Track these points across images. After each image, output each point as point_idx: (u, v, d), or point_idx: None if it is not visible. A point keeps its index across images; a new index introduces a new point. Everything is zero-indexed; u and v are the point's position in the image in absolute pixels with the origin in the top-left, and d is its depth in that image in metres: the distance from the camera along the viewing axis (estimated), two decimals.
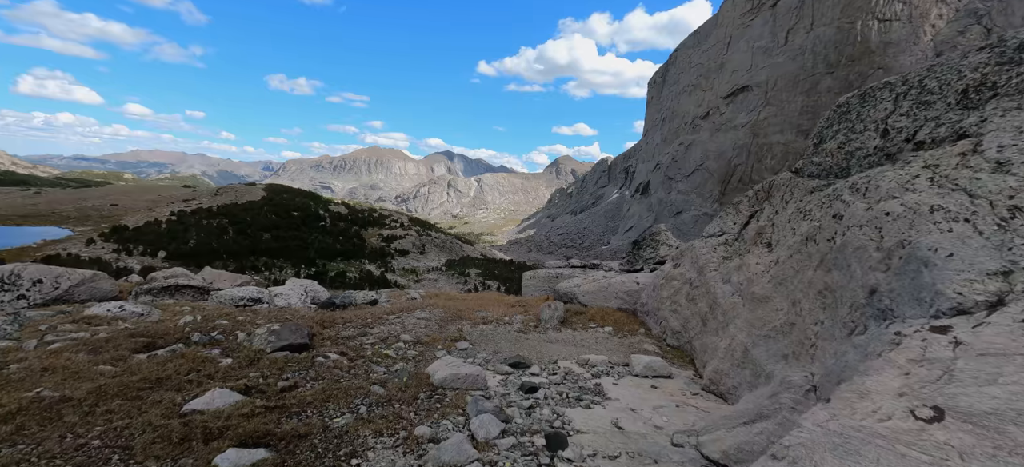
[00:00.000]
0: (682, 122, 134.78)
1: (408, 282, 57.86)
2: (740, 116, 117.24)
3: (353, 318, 9.47)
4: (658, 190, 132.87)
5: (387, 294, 13.99)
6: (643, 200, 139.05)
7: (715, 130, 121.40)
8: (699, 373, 7.04)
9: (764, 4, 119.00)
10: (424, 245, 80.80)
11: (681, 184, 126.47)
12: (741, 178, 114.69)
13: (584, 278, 12.54)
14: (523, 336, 9.02)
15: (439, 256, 79.31)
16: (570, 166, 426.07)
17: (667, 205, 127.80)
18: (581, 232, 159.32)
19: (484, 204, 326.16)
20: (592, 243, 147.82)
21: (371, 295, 11.56)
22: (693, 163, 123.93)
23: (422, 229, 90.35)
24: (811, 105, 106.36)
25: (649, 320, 9.62)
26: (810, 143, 6.45)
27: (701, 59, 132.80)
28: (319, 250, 65.15)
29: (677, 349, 8.25)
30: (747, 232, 7.15)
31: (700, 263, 7.94)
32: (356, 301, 11.07)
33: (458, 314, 10.36)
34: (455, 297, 14.06)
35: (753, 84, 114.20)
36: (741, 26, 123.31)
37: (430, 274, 64.94)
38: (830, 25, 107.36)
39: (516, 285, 65.63)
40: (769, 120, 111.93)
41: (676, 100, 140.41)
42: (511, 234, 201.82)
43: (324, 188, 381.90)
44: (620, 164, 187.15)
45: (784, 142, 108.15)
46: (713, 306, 7.04)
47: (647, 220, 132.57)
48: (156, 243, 57.14)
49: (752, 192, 7.50)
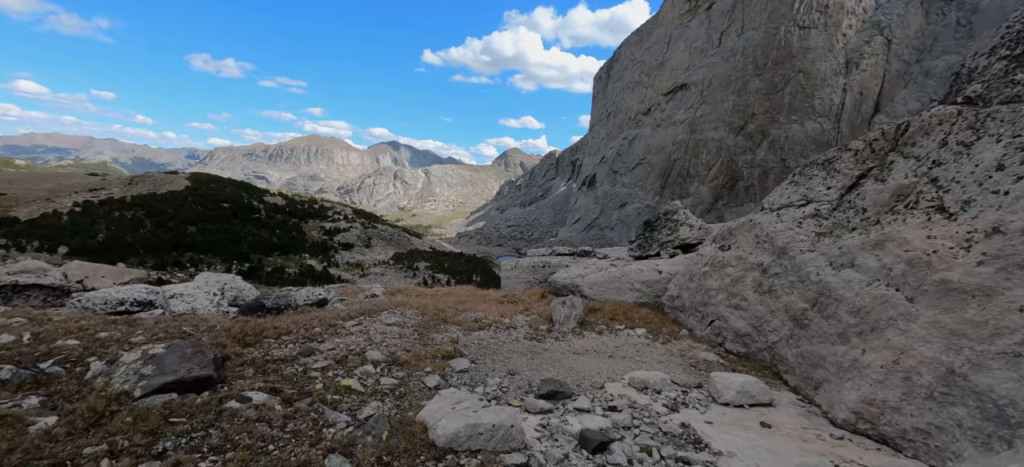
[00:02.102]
0: (626, 117, 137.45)
1: (353, 276, 53.40)
2: (679, 113, 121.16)
3: (292, 327, 6.52)
4: (604, 183, 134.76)
5: (337, 291, 10.95)
6: (590, 192, 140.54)
7: (656, 126, 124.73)
8: (805, 396, 4.92)
9: (700, 6, 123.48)
10: (370, 238, 75.79)
11: (625, 177, 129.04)
12: (680, 172, 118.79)
13: (586, 267, 10.25)
14: (537, 345, 6.52)
15: (386, 249, 74.71)
16: (519, 159, 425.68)
17: (612, 197, 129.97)
18: (530, 224, 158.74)
19: (432, 196, 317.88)
20: (541, 235, 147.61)
21: (318, 293, 8.55)
22: (636, 157, 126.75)
23: (368, 221, 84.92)
24: (741, 104, 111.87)
25: (687, 318, 7.46)
26: (985, 65, 4.52)
27: (643, 57, 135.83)
28: (253, 244, 58.60)
29: (745, 358, 6.12)
30: (863, 196, 5.10)
31: (778, 243, 5.84)
32: (297, 302, 8.03)
33: (440, 316, 7.67)
34: (427, 294, 11.28)
35: (691, 83, 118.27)
36: (680, 26, 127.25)
37: (376, 268, 60.60)
38: (758, 29, 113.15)
39: (466, 277, 63.16)
40: (705, 117, 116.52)
41: (620, 96, 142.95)
42: (460, 226, 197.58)
43: (259, 178, 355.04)
44: (567, 157, 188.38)
45: (718, 139, 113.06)
46: (821, 301, 4.94)
47: (594, 212, 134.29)
48: (55, 238, 48.42)
49: (861, 143, 5.48)
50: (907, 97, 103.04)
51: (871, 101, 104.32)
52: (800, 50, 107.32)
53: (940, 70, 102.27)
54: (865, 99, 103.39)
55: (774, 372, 5.53)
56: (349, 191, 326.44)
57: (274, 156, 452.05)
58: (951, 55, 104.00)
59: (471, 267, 67.59)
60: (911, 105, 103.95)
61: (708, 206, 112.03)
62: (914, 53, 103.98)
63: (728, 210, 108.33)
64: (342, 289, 12.11)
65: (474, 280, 58.41)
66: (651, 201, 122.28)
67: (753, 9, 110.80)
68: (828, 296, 4.82)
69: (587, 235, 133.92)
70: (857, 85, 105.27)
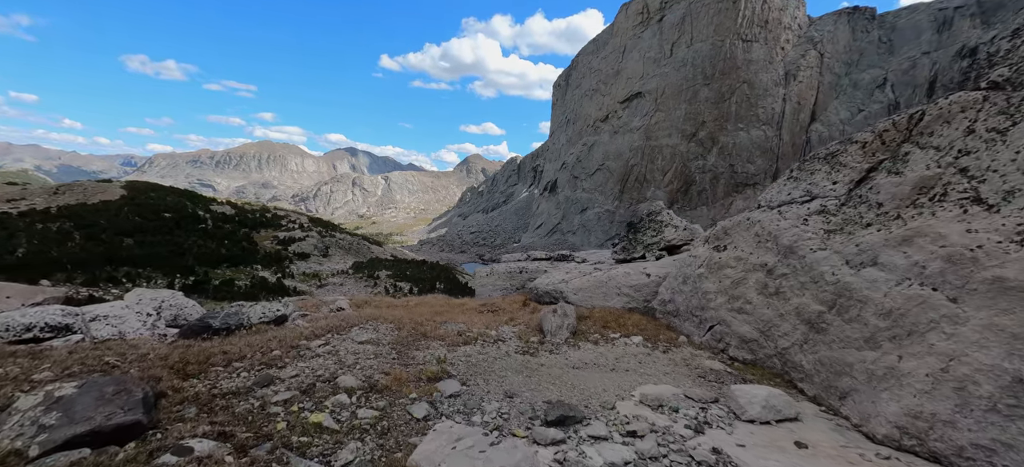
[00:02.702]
0: (585, 124, 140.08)
1: (310, 287, 50.76)
2: (635, 120, 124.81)
3: (246, 351, 5.53)
4: (565, 188, 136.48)
5: (296, 304, 9.85)
6: (552, 198, 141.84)
7: (614, 132, 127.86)
8: (829, 407, 4.52)
9: (652, 19, 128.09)
10: (327, 247, 72.60)
11: (585, 183, 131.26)
12: (637, 177, 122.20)
13: (569, 272, 9.72)
14: (531, 359, 5.86)
15: (345, 258, 71.81)
16: (481, 165, 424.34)
17: (574, 202, 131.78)
18: (493, 230, 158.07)
19: (393, 203, 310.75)
20: (504, 241, 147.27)
21: (276, 308, 7.49)
22: (595, 163, 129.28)
23: (325, 230, 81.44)
24: (693, 112, 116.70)
25: (683, 323, 7.04)
26: (1008, 48, 4.34)
27: (600, 66, 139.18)
28: (199, 256, 54.50)
29: (752, 365, 5.72)
30: (877, 190, 4.82)
31: (783, 241, 5.51)
32: (250, 320, 6.97)
33: (419, 330, 6.85)
34: (398, 305, 10.38)
35: (645, 91, 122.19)
36: (634, 37, 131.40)
37: (335, 278, 57.98)
38: (706, 41, 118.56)
39: (429, 285, 61.72)
40: (659, 124, 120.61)
41: (579, 103, 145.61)
42: (422, 234, 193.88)
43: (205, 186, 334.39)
44: (529, 163, 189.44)
45: (672, 145, 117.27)
46: (840, 302, 4.58)
47: (556, 217, 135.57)
48: None
49: (870, 134, 5.22)
50: (838, 107, 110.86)
51: (808, 110, 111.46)
52: (744, 62, 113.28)
53: (866, 82, 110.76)
54: (802, 108, 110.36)
55: (786, 380, 5.16)
56: (304, 199, 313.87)
57: (222, 163, 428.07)
58: (875, 69, 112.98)
59: (434, 274, 66.07)
60: (842, 114, 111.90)
61: None
62: (843, 66, 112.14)
63: (683, 214, 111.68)
64: (302, 302, 10.99)
65: (438, 287, 56.96)
66: (611, 206, 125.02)
67: (700, 22, 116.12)
68: (849, 297, 4.48)
69: (550, 240, 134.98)
70: (795, 95, 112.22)
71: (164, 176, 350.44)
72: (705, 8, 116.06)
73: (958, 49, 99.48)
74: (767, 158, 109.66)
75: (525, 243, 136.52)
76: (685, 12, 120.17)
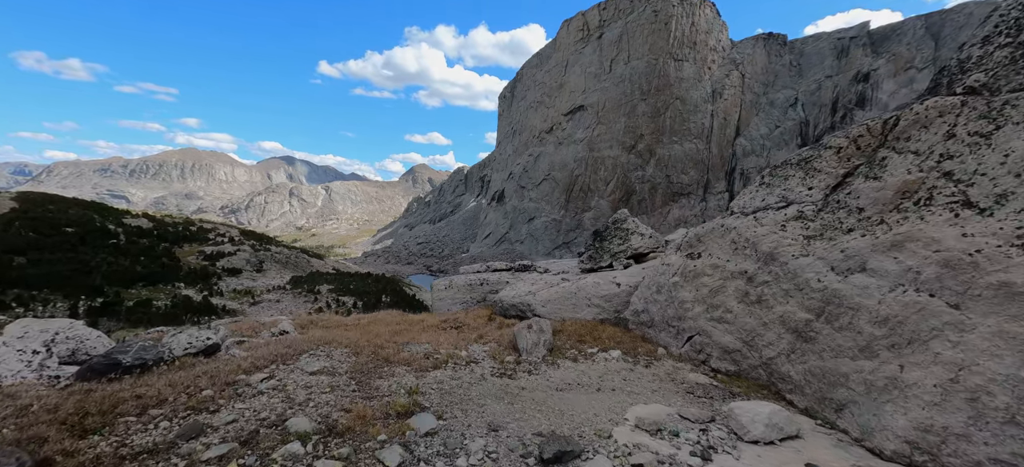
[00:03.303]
0: (531, 135, 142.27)
1: (242, 305, 46.78)
2: (578, 132, 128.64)
3: (166, 393, 4.53)
4: (512, 198, 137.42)
5: (229, 328, 8.62)
6: (499, 208, 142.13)
7: (559, 144, 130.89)
8: (825, 420, 4.36)
9: (592, 35, 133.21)
10: (261, 262, 67.56)
11: (532, 193, 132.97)
12: (582, 187, 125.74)
13: (534, 283, 9.28)
14: (511, 382, 5.31)
15: (282, 273, 67.15)
16: (427, 175, 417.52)
17: (521, 212, 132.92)
18: (441, 240, 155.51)
19: (334, 214, 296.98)
20: (452, 251, 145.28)
21: (204, 336, 6.36)
22: (542, 173, 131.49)
23: (259, 243, 75.89)
24: (632, 126, 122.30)
25: (658, 334, 6.80)
26: (980, 55, 4.43)
27: (544, 78, 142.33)
28: (109, 274, 48.47)
29: (736, 376, 5.53)
30: (857, 195, 4.80)
31: (763, 248, 5.40)
32: (173, 352, 5.84)
33: (379, 354, 6.07)
34: (349, 323, 9.40)
35: (587, 104, 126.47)
36: (575, 52, 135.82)
37: (271, 294, 53.91)
38: (642, 59, 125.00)
39: (375, 299, 59.30)
40: (601, 137, 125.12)
41: (524, 115, 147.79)
42: (367, 245, 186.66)
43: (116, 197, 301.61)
44: (476, 173, 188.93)
45: (613, 156, 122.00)
46: (829, 310, 4.46)
47: (503, 227, 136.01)
48: None
49: (844, 140, 5.23)
50: (759, 123, 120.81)
51: (733, 125, 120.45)
52: (676, 80, 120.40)
53: (781, 101, 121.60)
54: (728, 124, 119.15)
55: (774, 392, 5.01)
56: (235, 210, 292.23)
57: (137, 172, 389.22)
58: (788, 89, 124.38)
59: (380, 288, 63.42)
60: (762, 130, 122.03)
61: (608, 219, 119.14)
62: (762, 86, 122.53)
63: None
64: (236, 325, 9.71)
65: (384, 301, 54.56)
66: (557, 215, 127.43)
67: (636, 41, 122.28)
68: (839, 304, 4.37)
69: (498, 250, 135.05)
70: (722, 112, 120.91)
71: (66, 187, 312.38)
72: (640, 28, 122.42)
73: (854, 74, 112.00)
74: (699, 169, 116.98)
75: (474, 253, 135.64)
76: (622, 30, 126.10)
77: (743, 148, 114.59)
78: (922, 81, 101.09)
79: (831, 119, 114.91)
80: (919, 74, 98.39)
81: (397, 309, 23.30)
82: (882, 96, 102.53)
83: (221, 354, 6.22)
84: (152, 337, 7.77)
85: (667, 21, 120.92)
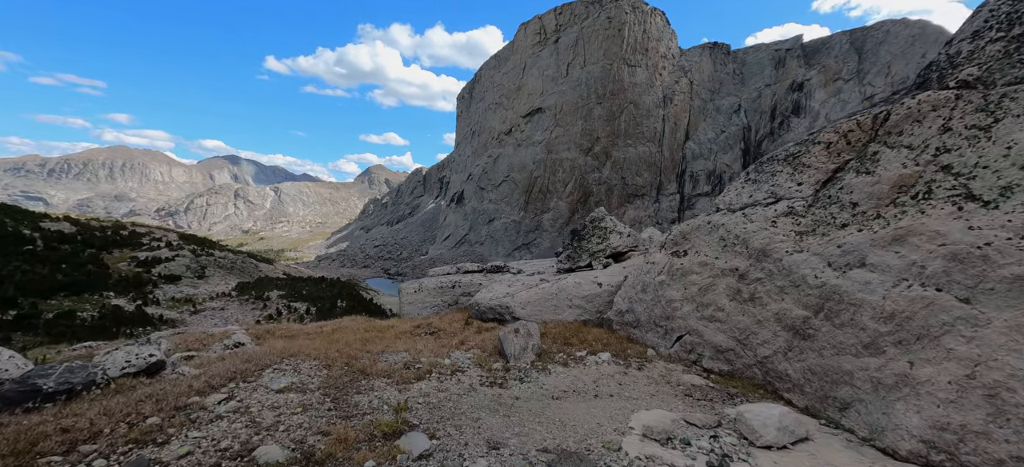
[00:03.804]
0: (490, 137, 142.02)
1: (182, 315, 43.31)
2: (537, 134, 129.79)
3: (100, 423, 3.80)
4: (472, 200, 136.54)
5: (172, 340, 7.67)
6: (458, 209, 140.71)
7: (518, 145, 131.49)
8: (829, 419, 4.28)
9: (549, 39, 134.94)
10: (203, 267, 62.99)
11: (492, 194, 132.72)
12: (541, 189, 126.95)
13: (511, 284, 8.92)
14: (503, 392, 4.93)
15: (226, 279, 62.89)
16: (384, 176, 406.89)
17: (481, 214, 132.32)
18: (399, 243, 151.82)
19: (285, 217, 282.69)
20: (411, 254, 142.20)
21: (146, 352, 5.51)
22: (501, 174, 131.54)
23: (201, 248, 70.77)
24: (588, 129, 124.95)
25: (645, 335, 6.64)
26: (970, 50, 4.50)
27: (502, 80, 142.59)
28: (24, 284, 43.37)
29: (730, 376, 5.42)
30: (849, 190, 4.80)
31: (754, 244, 5.34)
32: (107, 374, 5.00)
33: (354, 367, 5.50)
34: (312, 332, 8.65)
35: (545, 107, 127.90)
36: (533, 55, 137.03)
37: (214, 301, 50.28)
38: (597, 64, 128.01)
39: (329, 304, 56.90)
40: (559, 139, 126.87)
41: (483, 116, 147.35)
42: (320, 249, 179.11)
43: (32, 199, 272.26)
44: (435, 175, 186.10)
45: (571, 158, 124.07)
46: (828, 307, 4.38)
47: (463, 228, 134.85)
48: None
49: (834, 134, 5.24)
50: (706, 127, 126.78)
51: (683, 130, 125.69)
52: (630, 85, 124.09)
53: (726, 107, 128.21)
54: (678, 128, 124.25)
55: (770, 391, 4.93)
56: (173, 213, 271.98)
57: (58, 172, 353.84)
58: (732, 96, 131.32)
59: (335, 293, 60.72)
60: (709, 134, 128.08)
61: (566, 220, 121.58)
62: (708, 93, 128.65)
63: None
64: (180, 338, 8.69)
65: (339, 306, 52.27)
66: (517, 216, 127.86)
67: (591, 46, 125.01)
68: (839, 301, 4.29)
69: (458, 251, 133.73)
70: (672, 116, 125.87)
71: None
72: (595, 33, 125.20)
73: (790, 83, 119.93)
74: (652, 171, 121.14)
75: (433, 255, 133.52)
76: (578, 35, 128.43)
77: (692, 151, 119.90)
78: (849, 91, 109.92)
79: (770, 125, 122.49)
80: (846, 85, 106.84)
81: (354, 314, 22.20)
82: (814, 104, 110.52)
83: (167, 373, 5.42)
84: (80, 355, 6.76)
85: (620, 27, 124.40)
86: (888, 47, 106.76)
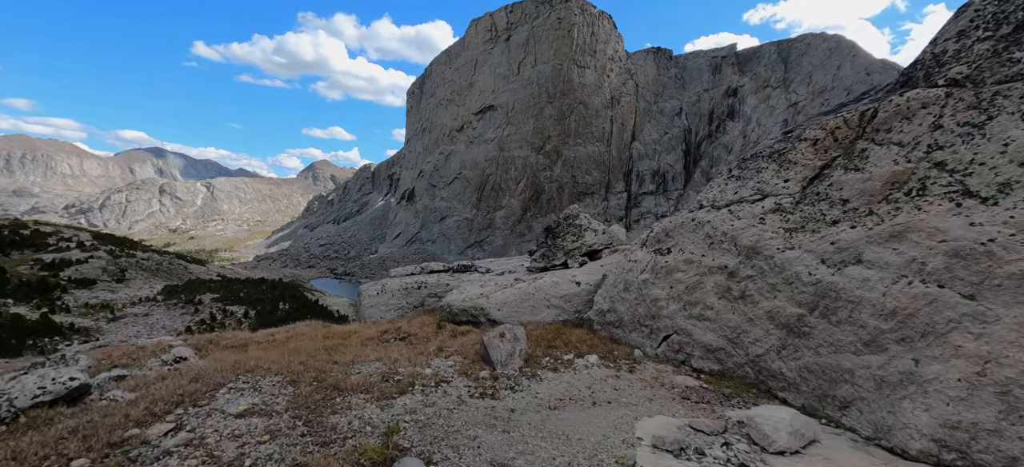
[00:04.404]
0: (441, 133, 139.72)
1: (97, 323, 38.86)
2: (489, 131, 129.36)
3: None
4: (423, 197, 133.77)
5: (92, 357, 6.57)
6: (409, 207, 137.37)
7: (470, 142, 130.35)
8: (829, 418, 4.24)
9: (500, 37, 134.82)
10: (123, 270, 57.04)
11: (443, 191, 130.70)
12: (493, 186, 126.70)
13: (484, 285, 8.51)
14: (496, 404, 4.54)
15: (151, 282, 57.28)
16: (329, 172, 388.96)
17: (433, 211, 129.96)
18: (346, 241, 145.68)
19: (219, 214, 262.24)
20: (359, 252, 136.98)
21: (67, 375, 4.58)
22: (453, 172, 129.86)
23: (119, 249, 64.05)
24: (540, 127, 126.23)
25: (629, 335, 6.49)
26: (957, 49, 4.61)
27: (454, 76, 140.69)
28: None
29: (721, 376, 5.35)
30: (839, 186, 4.83)
31: (743, 242, 5.32)
32: (13, 405, 4.07)
33: (324, 381, 4.88)
34: (263, 341, 7.77)
35: (497, 105, 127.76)
36: (485, 52, 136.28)
37: (137, 307, 45.54)
38: (548, 63, 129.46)
39: (271, 306, 53.17)
40: (511, 137, 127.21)
41: (434, 112, 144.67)
42: (259, 248, 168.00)
43: None
44: (384, 171, 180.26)
45: (523, 156, 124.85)
46: (824, 304, 4.33)
47: (415, 226, 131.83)
48: None
49: (821, 131, 5.26)
50: (651, 129, 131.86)
51: (629, 131, 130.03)
52: (579, 85, 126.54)
53: (668, 110, 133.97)
54: (625, 129, 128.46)
55: (764, 390, 4.90)
56: (86, 211, 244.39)
57: None
58: (674, 100, 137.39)
59: (277, 295, 56.99)
60: (653, 135, 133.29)
61: (518, 217, 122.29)
62: (653, 95, 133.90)
63: (536, 220, 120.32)
64: (104, 352, 7.52)
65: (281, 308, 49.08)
66: (470, 214, 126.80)
67: (542, 45, 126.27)
68: (836, 298, 4.28)
69: (409, 250, 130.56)
70: (619, 117, 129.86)
71: None
72: (545, 33, 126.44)
73: (726, 89, 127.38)
74: (601, 170, 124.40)
75: (383, 254, 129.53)
76: (529, 34, 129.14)
77: (638, 151, 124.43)
78: (777, 98, 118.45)
79: (709, 128, 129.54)
80: (774, 92, 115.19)
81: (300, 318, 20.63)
82: (747, 109, 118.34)
83: (94, 399, 4.55)
84: None
85: (570, 29, 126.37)
86: (810, 58, 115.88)
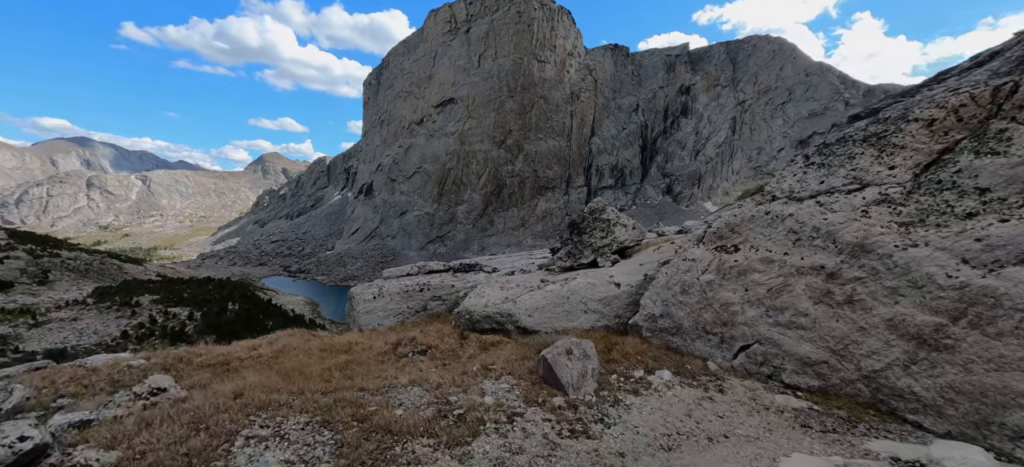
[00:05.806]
0: (400, 126, 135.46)
1: (16, 329, 34.15)
2: (449, 125, 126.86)
3: None
4: (382, 191, 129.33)
5: (32, 386, 5.08)
6: (368, 201, 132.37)
7: (430, 136, 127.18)
8: (995, 449, 3.63)
9: (460, 29, 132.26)
10: (46, 271, 50.89)
11: (403, 185, 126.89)
12: (454, 180, 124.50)
13: (505, 287, 7.53)
14: (595, 444, 3.67)
15: (79, 284, 51.43)
16: (280, 165, 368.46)
17: (392, 206, 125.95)
18: (300, 237, 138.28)
19: (157, 210, 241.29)
20: (315, 249, 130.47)
21: (15, 434, 3.22)
22: (413, 165, 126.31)
23: (41, 248, 57.20)
24: (501, 121, 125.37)
25: (691, 344, 5.76)
26: None
27: (412, 68, 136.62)
28: None
29: (823, 393, 4.67)
30: (973, 174, 4.23)
31: (845, 238, 4.66)
32: None
33: (368, 421, 3.81)
34: (245, 358, 6.43)
35: (458, 98, 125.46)
36: (444, 44, 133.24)
37: (64, 311, 40.58)
38: (508, 57, 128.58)
39: (218, 308, 49.51)
40: (472, 130, 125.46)
41: (393, 104, 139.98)
42: (204, 246, 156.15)
43: None
44: (340, 164, 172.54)
45: (484, 150, 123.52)
46: (975, 312, 3.76)
47: (374, 221, 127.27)
48: None
49: (940, 111, 4.66)
50: (609, 124, 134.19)
51: (589, 125, 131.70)
52: (540, 80, 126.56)
53: (626, 106, 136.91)
54: (585, 124, 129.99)
55: (886, 411, 4.26)
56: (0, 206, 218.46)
57: None
58: (631, 96, 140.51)
59: (225, 294, 52.69)
60: (612, 131, 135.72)
61: (480, 212, 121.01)
62: (611, 92, 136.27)
63: (497, 215, 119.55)
64: (44, 377, 5.98)
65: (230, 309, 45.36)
66: (431, 208, 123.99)
67: (502, 39, 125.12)
68: (995, 305, 3.70)
69: (368, 245, 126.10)
70: (579, 112, 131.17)
71: None
72: (505, 26, 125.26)
73: (679, 86, 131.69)
74: (562, 165, 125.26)
75: (341, 250, 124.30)
76: (489, 27, 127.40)
77: (597, 147, 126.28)
78: (726, 96, 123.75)
79: (664, 124, 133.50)
80: (723, 90, 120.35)
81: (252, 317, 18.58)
82: (699, 107, 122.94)
83: (55, 465, 3.22)
84: None
85: (530, 23, 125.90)
86: (755, 59, 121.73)
